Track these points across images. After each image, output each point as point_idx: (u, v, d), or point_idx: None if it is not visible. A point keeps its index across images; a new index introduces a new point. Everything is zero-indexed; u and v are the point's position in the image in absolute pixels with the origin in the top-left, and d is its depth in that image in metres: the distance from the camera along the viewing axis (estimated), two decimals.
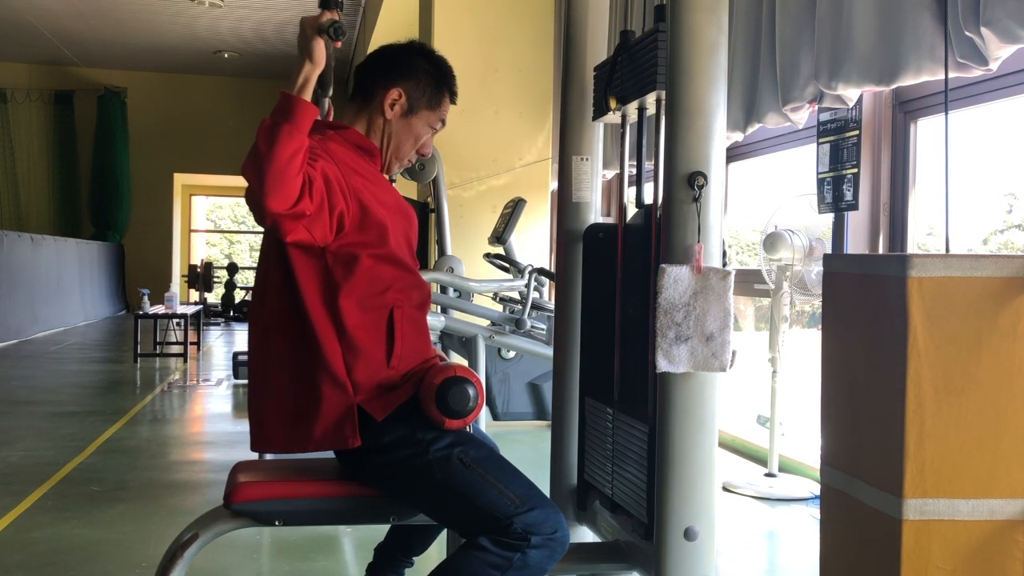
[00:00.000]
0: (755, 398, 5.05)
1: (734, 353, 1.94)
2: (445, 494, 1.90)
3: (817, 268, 4.09)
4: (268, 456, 4.11)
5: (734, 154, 5.16)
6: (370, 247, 1.94)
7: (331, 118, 2.13)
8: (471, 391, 1.90)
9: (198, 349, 10.19)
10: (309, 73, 1.82)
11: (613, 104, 2.26)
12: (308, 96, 1.81)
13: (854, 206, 3.82)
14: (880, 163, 3.91)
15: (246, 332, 2.12)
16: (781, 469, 4.34)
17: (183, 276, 17.46)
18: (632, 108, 2.27)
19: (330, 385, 1.91)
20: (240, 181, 1.79)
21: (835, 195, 3.90)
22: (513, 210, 5.41)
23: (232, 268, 16.79)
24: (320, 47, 1.82)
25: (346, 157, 1.97)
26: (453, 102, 2.14)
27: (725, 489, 4.23)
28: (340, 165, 1.91)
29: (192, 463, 4.88)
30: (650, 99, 2.15)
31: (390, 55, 2.11)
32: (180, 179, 18.03)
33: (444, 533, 2.37)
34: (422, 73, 2.07)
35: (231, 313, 15.84)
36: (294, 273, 1.91)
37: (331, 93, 2.04)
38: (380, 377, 1.93)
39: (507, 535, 1.84)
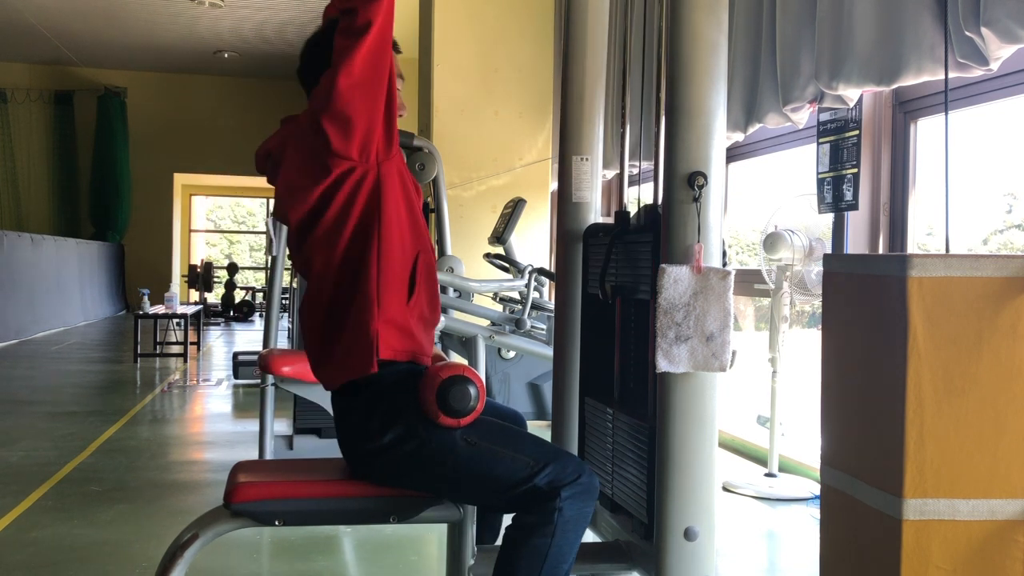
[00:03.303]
0: (755, 398, 5.05)
1: (734, 353, 1.94)
2: (461, 477, 1.93)
3: (817, 268, 4.09)
4: (268, 456, 4.12)
5: (734, 154, 5.16)
6: (400, 186, 1.98)
7: None
8: (472, 390, 1.90)
9: (198, 349, 10.19)
10: None
11: (608, 291, 2.26)
12: None
13: (854, 206, 3.82)
14: (880, 163, 3.91)
15: (246, 332, 2.12)
16: (781, 469, 4.34)
17: (183, 276, 17.46)
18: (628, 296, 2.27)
19: (358, 306, 1.94)
20: (240, 182, 1.79)
21: (835, 195, 3.90)
22: (513, 210, 5.41)
23: (232, 268, 16.79)
24: None
25: None
26: (398, 51, 2.11)
27: (725, 489, 4.23)
28: None
29: (192, 463, 4.88)
30: (643, 287, 2.14)
31: (317, 45, 2.08)
32: (180, 179, 18.03)
33: (444, 530, 2.37)
34: None
35: (231, 313, 15.84)
36: (341, 201, 1.93)
37: None
38: (399, 313, 1.95)
39: (535, 499, 1.88)
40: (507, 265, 5.29)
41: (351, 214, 1.94)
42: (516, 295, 5.24)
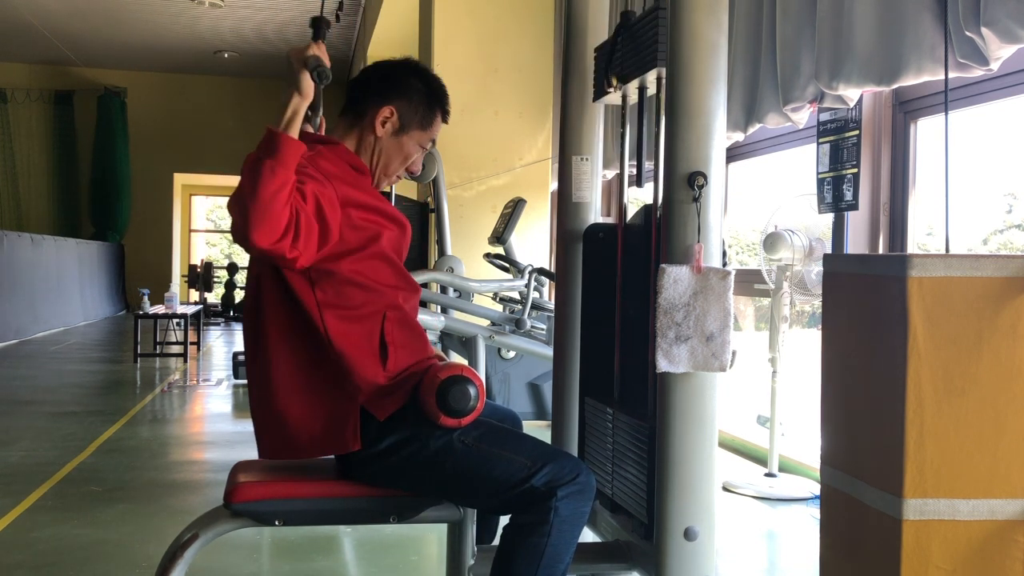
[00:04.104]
0: (755, 398, 5.05)
1: (734, 353, 1.94)
2: (459, 480, 1.93)
3: (817, 268, 4.09)
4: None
5: (734, 154, 5.16)
6: (359, 250, 1.94)
7: (323, 132, 2.13)
8: (472, 390, 1.90)
9: (198, 349, 10.19)
10: (298, 106, 1.81)
11: (614, 83, 2.25)
12: (296, 130, 1.79)
13: (854, 206, 3.83)
14: (880, 163, 3.91)
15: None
16: (781, 469, 4.34)
17: (183, 276, 17.46)
18: (632, 88, 2.26)
19: (330, 389, 1.92)
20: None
21: (835, 195, 3.90)
22: (513, 210, 5.42)
23: (232, 268, 16.79)
24: (308, 80, 1.82)
25: (336, 170, 1.96)
26: (445, 121, 2.14)
27: (725, 489, 4.23)
28: (330, 178, 1.90)
29: (192, 463, 4.88)
30: (651, 77, 2.14)
31: (383, 72, 2.09)
32: (180, 179, 18.04)
33: (444, 530, 2.37)
34: (415, 92, 2.07)
35: (231, 313, 15.84)
36: (288, 284, 1.92)
37: (322, 112, 2.03)
38: (379, 381, 1.93)
39: (532, 499, 1.88)
40: (507, 265, 5.29)
41: (292, 306, 1.92)
42: (516, 295, 5.24)
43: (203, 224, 21.94)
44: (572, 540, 1.92)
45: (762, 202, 5.88)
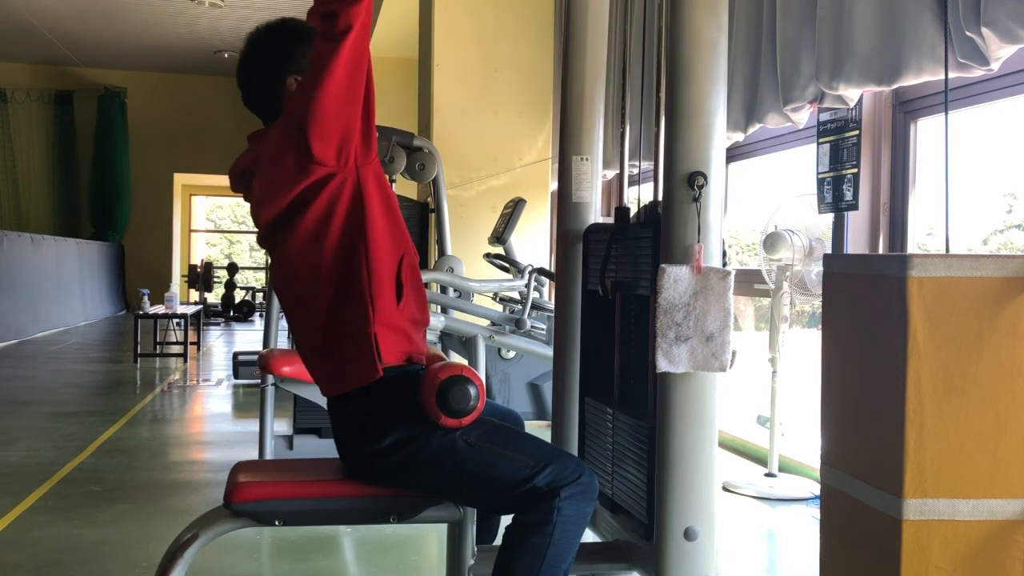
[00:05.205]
0: (755, 398, 5.05)
1: (734, 353, 1.94)
2: (461, 478, 1.93)
3: (817, 268, 4.09)
4: (268, 456, 4.12)
5: (734, 154, 5.16)
6: (379, 194, 1.97)
7: None
8: (472, 390, 1.90)
9: (198, 349, 10.19)
10: None
11: (608, 287, 2.27)
12: None
13: (854, 206, 3.83)
14: (880, 163, 3.91)
15: (246, 332, 2.14)
16: (781, 469, 4.34)
17: (183, 276, 17.46)
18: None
19: (353, 312, 1.92)
20: None
21: (835, 195, 3.90)
22: (513, 210, 5.41)
23: (232, 268, 16.79)
24: None
25: None
26: None
27: (725, 489, 4.23)
28: None
29: (192, 463, 4.88)
30: (643, 282, 2.15)
31: (254, 63, 2.07)
32: (180, 179, 18.04)
33: (444, 530, 2.37)
34: (290, 46, 2.05)
35: (231, 313, 15.85)
36: (322, 206, 1.91)
37: None
38: (392, 318, 1.95)
39: (535, 499, 1.89)
40: (507, 265, 5.29)
41: (332, 223, 1.92)
42: (516, 295, 5.24)
43: (203, 224, 21.95)
44: (574, 540, 1.92)
45: (762, 202, 5.89)
